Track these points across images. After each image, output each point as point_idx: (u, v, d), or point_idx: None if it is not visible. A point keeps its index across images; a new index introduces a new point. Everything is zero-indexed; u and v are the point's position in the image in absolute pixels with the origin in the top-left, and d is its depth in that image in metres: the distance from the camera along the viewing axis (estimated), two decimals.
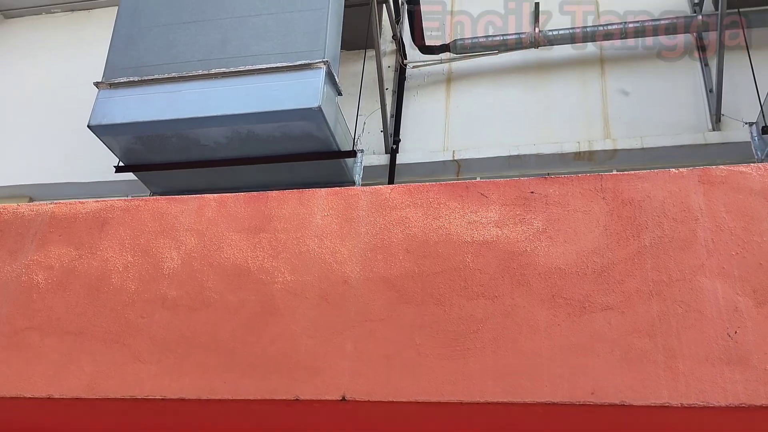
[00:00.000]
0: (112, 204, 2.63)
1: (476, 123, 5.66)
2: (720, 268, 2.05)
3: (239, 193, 2.51)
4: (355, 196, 2.42)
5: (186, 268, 2.41)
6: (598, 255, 2.16)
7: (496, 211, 2.30)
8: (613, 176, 2.31)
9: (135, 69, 4.45)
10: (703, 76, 5.43)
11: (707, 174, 2.21)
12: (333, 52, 4.32)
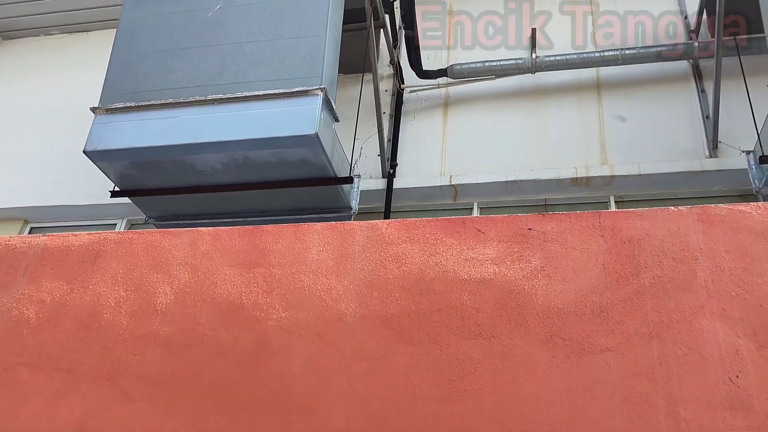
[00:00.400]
0: (106, 237, 2.60)
1: (473, 147, 5.67)
2: (720, 309, 2.03)
3: (234, 227, 2.48)
4: (351, 231, 2.39)
5: (179, 304, 2.38)
6: (596, 294, 2.13)
7: (494, 248, 2.28)
8: (611, 214, 2.29)
9: (132, 94, 4.44)
10: (699, 102, 5.45)
11: (706, 213, 2.19)
12: (330, 78, 4.32)
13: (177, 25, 4.61)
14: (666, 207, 2.19)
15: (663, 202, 5.14)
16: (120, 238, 2.56)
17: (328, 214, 4.72)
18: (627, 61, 5.58)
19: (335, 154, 4.40)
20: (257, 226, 2.46)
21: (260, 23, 4.48)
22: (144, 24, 4.70)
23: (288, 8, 4.49)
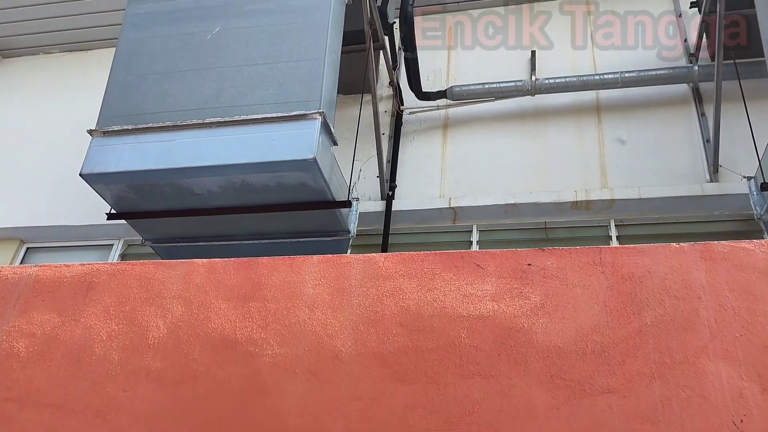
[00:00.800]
0: (98, 268, 2.55)
1: (473, 169, 5.64)
2: (724, 350, 1.98)
3: (229, 259, 2.44)
4: (347, 265, 2.35)
5: (172, 338, 2.33)
6: (598, 333, 2.09)
7: (493, 284, 2.24)
8: (612, 249, 2.26)
9: (130, 117, 4.42)
10: (699, 126, 5.43)
11: (709, 250, 2.15)
12: (329, 101, 4.30)
13: (175, 48, 4.60)
14: (668, 243, 2.15)
15: (664, 227, 5.11)
16: (113, 270, 2.52)
17: (326, 237, 4.68)
18: (627, 84, 5.56)
19: (333, 178, 4.37)
20: (252, 259, 2.42)
21: (259, 46, 4.47)
22: (143, 46, 4.68)
23: (287, 32, 4.48)
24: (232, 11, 4.67)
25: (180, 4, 4.78)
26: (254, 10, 4.63)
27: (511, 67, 6.21)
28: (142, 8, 4.84)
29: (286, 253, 4.82)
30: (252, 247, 4.80)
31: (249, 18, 4.61)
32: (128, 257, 5.95)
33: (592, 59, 6.05)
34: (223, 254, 4.87)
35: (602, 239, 5.14)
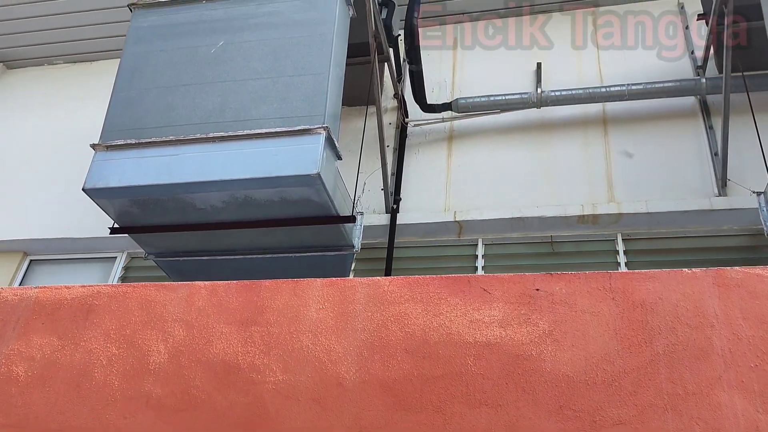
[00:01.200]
0: (99, 290, 2.52)
1: (478, 182, 5.59)
2: (738, 381, 1.93)
3: (231, 282, 2.40)
4: (351, 288, 2.31)
5: (173, 364, 2.29)
6: (608, 362, 2.04)
7: (500, 310, 2.19)
8: (622, 275, 2.20)
9: (132, 131, 4.39)
10: (707, 139, 5.38)
11: (722, 276, 2.10)
12: (333, 116, 4.26)
13: (179, 62, 4.58)
14: (679, 269, 2.10)
15: (671, 241, 5.06)
16: (114, 292, 2.48)
17: (330, 252, 4.64)
18: (633, 97, 5.52)
19: (337, 193, 4.33)
20: (255, 282, 2.38)
21: (263, 60, 4.44)
22: (146, 60, 4.66)
23: (291, 46, 4.45)
24: (235, 25, 4.65)
25: (184, 18, 4.76)
26: (258, 24, 4.61)
27: (516, 78, 6.17)
28: (145, 21, 4.83)
29: (289, 267, 4.80)
30: (255, 261, 4.76)
31: (253, 31, 4.58)
32: (131, 270, 5.92)
33: (598, 71, 6.01)
34: (226, 268, 4.87)
35: (609, 253, 5.09)
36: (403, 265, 5.37)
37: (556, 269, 5.07)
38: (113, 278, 5.87)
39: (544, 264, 5.16)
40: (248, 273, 4.88)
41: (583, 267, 5.06)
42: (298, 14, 4.59)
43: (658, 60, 5.91)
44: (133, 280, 5.85)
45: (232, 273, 4.90)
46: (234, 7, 4.73)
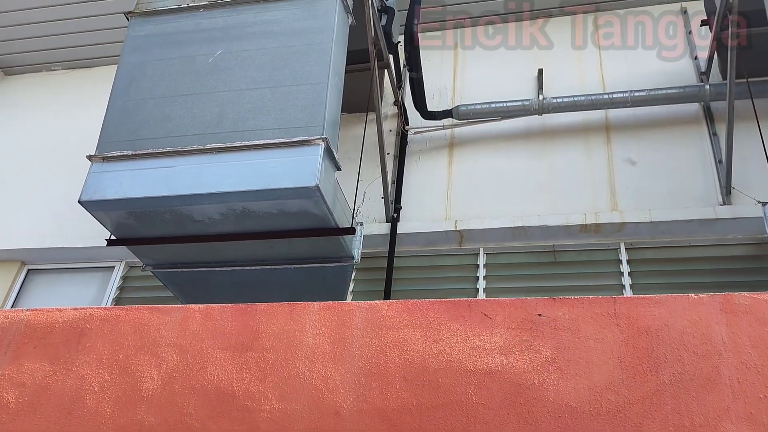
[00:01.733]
0: (91, 313, 2.46)
1: (479, 190, 5.54)
2: (747, 413, 1.87)
3: (226, 305, 2.35)
4: (349, 312, 2.25)
5: (166, 390, 2.24)
6: (612, 392, 1.98)
7: (501, 336, 2.13)
8: (627, 300, 2.14)
9: (129, 142, 4.33)
10: (711, 146, 5.32)
11: (730, 302, 2.04)
12: (332, 126, 4.20)
13: (176, 72, 4.52)
14: (686, 294, 2.04)
15: (675, 250, 5.00)
16: (106, 315, 2.43)
17: (330, 263, 4.58)
18: (636, 104, 5.45)
19: (337, 204, 4.28)
20: (250, 305, 2.32)
21: (261, 70, 4.38)
22: (143, 70, 4.61)
23: (289, 55, 4.39)
24: (233, 33, 4.59)
25: (181, 27, 4.71)
26: (256, 33, 4.55)
27: (518, 83, 6.11)
28: (142, 30, 4.77)
29: (288, 278, 4.75)
30: (253, 273, 4.71)
31: (251, 40, 4.53)
32: (129, 279, 5.88)
33: (600, 76, 5.95)
34: (224, 280, 4.82)
35: (612, 263, 5.03)
36: (403, 275, 5.31)
37: (558, 279, 5.04)
38: (111, 288, 5.83)
39: (546, 273, 5.10)
40: (246, 285, 4.84)
41: (585, 277, 5.01)
42: (297, 23, 4.53)
43: (661, 65, 5.85)
44: (132, 290, 5.81)
45: (231, 285, 4.85)
46: (232, 15, 4.67)
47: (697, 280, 4.80)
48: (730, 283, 4.74)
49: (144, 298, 5.69)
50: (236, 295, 4.94)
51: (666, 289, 4.82)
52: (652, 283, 4.86)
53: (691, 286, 4.78)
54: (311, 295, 4.84)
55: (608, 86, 5.84)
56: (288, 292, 4.85)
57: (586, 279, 5.00)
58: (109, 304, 5.72)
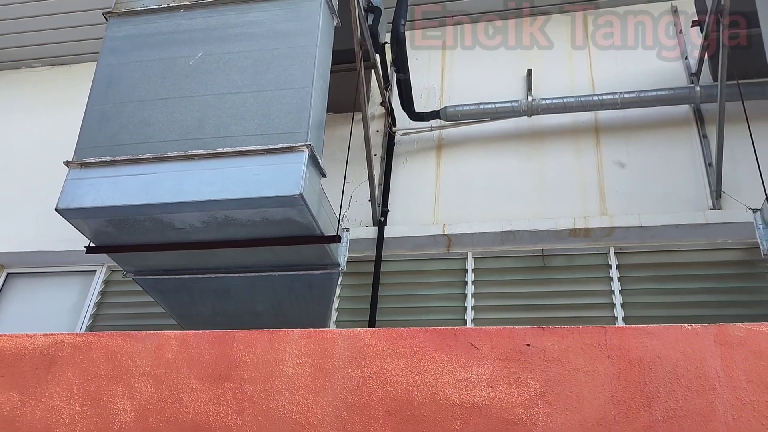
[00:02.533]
0: (62, 339, 2.36)
1: (467, 193, 5.46)
2: None
3: (203, 332, 2.26)
4: (331, 341, 2.17)
5: (140, 423, 2.14)
6: (604, 428, 1.91)
7: (488, 367, 2.05)
8: (618, 330, 2.07)
9: (108, 148, 4.20)
10: (701, 149, 5.26)
11: (724, 333, 1.97)
12: (317, 131, 4.09)
13: (156, 74, 4.39)
14: (679, 325, 1.97)
15: (665, 255, 4.94)
16: (78, 342, 2.33)
17: (315, 270, 4.49)
18: (626, 105, 5.38)
19: (322, 211, 4.18)
20: (228, 332, 2.23)
21: (243, 73, 4.26)
22: (122, 72, 4.47)
23: (273, 58, 4.27)
24: (215, 35, 4.46)
25: (161, 28, 4.57)
26: (238, 34, 4.42)
27: (507, 82, 6.02)
28: (121, 31, 4.63)
29: (272, 285, 4.65)
30: (237, 280, 4.61)
31: (233, 42, 4.40)
32: (111, 284, 5.76)
33: (590, 76, 5.86)
34: (207, 287, 4.72)
35: (602, 268, 4.97)
36: (391, 280, 5.23)
37: (547, 284, 4.98)
38: (93, 293, 5.71)
39: (535, 278, 5.04)
40: (231, 292, 4.74)
41: (574, 282, 4.95)
42: (280, 24, 4.40)
43: (651, 65, 5.78)
44: (114, 295, 5.70)
45: (214, 292, 4.76)
46: (213, 16, 4.53)
47: (687, 285, 4.76)
48: (721, 289, 4.71)
49: (126, 303, 5.59)
50: (220, 302, 4.86)
51: (656, 295, 4.78)
52: (641, 289, 4.81)
53: (681, 291, 4.74)
54: (297, 303, 4.76)
55: (598, 87, 5.76)
56: (273, 299, 4.76)
57: (575, 284, 4.95)
58: (91, 310, 5.62)
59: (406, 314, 5.06)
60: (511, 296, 5.00)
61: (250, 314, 4.92)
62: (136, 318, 5.48)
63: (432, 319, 4.99)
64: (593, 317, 4.74)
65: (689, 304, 4.66)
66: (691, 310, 4.64)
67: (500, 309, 4.94)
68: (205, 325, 5.04)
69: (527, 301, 4.93)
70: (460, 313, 4.96)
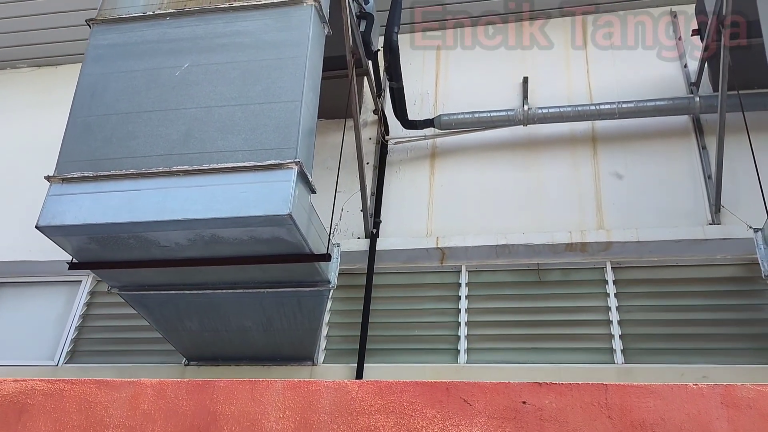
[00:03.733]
0: (33, 386, 2.24)
1: (462, 204, 5.34)
2: None
3: (181, 381, 2.14)
4: (316, 393, 2.05)
5: None
6: None
7: (482, 427, 1.94)
8: (620, 388, 1.96)
9: (90, 162, 4.07)
10: (700, 160, 5.16)
11: (731, 394, 1.86)
12: (306, 147, 3.96)
13: (141, 85, 4.24)
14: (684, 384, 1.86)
15: (663, 270, 4.84)
16: (49, 389, 2.20)
17: (305, 287, 4.38)
18: (624, 115, 5.27)
19: (311, 229, 4.05)
20: (208, 382, 2.11)
21: (231, 85, 4.12)
22: (106, 82, 4.32)
23: (260, 69, 4.13)
24: (202, 44, 4.31)
25: (146, 36, 4.42)
26: (226, 44, 4.27)
27: (502, 89, 5.90)
28: (105, 39, 4.48)
29: (261, 302, 4.53)
30: (225, 296, 4.49)
31: (220, 53, 4.25)
32: (97, 295, 5.64)
33: (587, 85, 5.74)
34: (194, 303, 4.59)
35: (598, 283, 4.87)
36: (383, 294, 5.12)
37: (542, 299, 4.87)
38: (79, 304, 5.59)
39: (531, 294, 4.93)
40: (218, 308, 4.63)
41: (570, 297, 4.85)
42: (269, 34, 4.26)
43: (650, 73, 5.65)
44: (100, 306, 5.57)
45: (201, 307, 4.64)
46: (200, 25, 4.39)
47: (685, 302, 4.67)
48: (719, 306, 4.61)
49: (113, 315, 5.46)
50: (207, 318, 4.75)
51: (653, 311, 4.68)
52: (638, 305, 4.71)
53: (679, 308, 4.64)
54: (286, 319, 4.65)
55: (595, 95, 5.64)
56: (262, 314, 4.65)
57: (571, 299, 4.84)
58: (76, 321, 5.50)
59: (398, 329, 4.96)
60: (506, 311, 4.89)
61: (239, 330, 4.81)
62: (123, 330, 5.36)
63: (424, 335, 4.89)
64: (589, 334, 4.65)
65: (687, 321, 4.57)
66: (690, 328, 4.55)
67: (494, 325, 4.84)
68: (192, 341, 4.93)
69: (522, 317, 4.83)
70: (453, 329, 4.86)
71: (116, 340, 5.34)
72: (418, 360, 4.75)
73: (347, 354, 4.86)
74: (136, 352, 5.22)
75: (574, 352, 4.59)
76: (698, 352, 4.43)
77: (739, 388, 1.89)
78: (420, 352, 4.81)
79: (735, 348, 4.41)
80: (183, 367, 5.02)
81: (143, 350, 5.22)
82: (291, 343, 4.82)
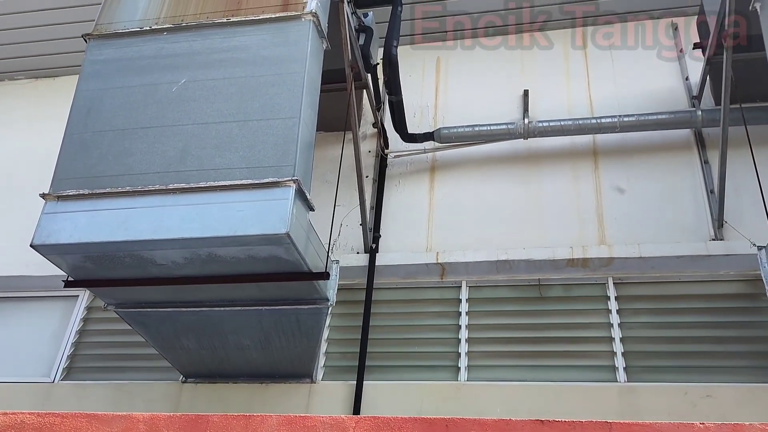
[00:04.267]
0: (23, 420, 2.19)
1: (462, 219, 5.29)
2: None
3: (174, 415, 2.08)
4: (312, 430, 2.00)
5: None
6: None
7: None
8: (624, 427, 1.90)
9: (86, 179, 4.01)
10: (703, 174, 5.11)
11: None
12: (304, 165, 3.91)
13: (137, 101, 4.19)
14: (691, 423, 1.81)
15: (665, 286, 4.79)
16: (39, 423, 2.15)
17: (303, 305, 4.32)
18: (625, 129, 5.22)
19: (309, 247, 4.00)
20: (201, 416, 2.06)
21: (228, 101, 4.07)
22: (102, 98, 4.27)
23: (259, 85, 4.08)
24: (199, 60, 4.26)
25: (143, 51, 4.37)
26: (223, 60, 4.22)
27: (502, 102, 5.86)
28: (101, 55, 4.43)
29: (259, 320, 4.48)
30: (223, 314, 4.44)
31: (218, 69, 4.20)
32: (94, 310, 5.58)
33: (588, 98, 5.69)
34: (191, 320, 4.54)
35: (600, 299, 4.81)
36: (382, 309, 5.06)
37: (543, 315, 4.81)
38: (75, 320, 5.53)
39: (532, 310, 4.87)
40: (215, 325, 4.57)
41: (572, 314, 4.79)
42: (267, 50, 4.21)
43: (651, 86, 5.61)
44: (96, 321, 5.51)
45: (198, 325, 4.59)
46: (197, 40, 4.34)
47: (687, 318, 4.61)
48: (722, 323, 4.55)
49: (110, 330, 5.40)
50: (205, 336, 4.69)
51: (656, 328, 4.62)
52: (641, 322, 4.65)
53: (682, 325, 4.59)
54: (284, 337, 4.59)
55: (596, 108, 5.59)
56: (260, 332, 4.60)
57: (572, 316, 4.79)
58: (72, 337, 5.44)
59: (398, 346, 4.90)
60: (507, 328, 4.83)
61: (236, 347, 4.75)
62: (120, 346, 5.30)
63: (424, 352, 4.83)
64: (591, 351, 4.60)
65: (691, 339, 4.51)
66: (693, 346, 4.49)
67: (495, 342, 4.78)
68: (189, 358, 4.88)
69: (523, 334, 4.77)
70: (453, 345, 4.81)
71: (113, 357, 5.28)
72: (418, 377, 4.70)
73: (346, 371, 4.80)
74: (134, 369, 5.16)
75: (575, 370, 4.53)
76: (702, 370, 4.37)
77: (748, 427, 1.83)
78: (420, 369, 4.75)
79: (739, 366, 4.35)
80: (180, 384, 4.96)
81: (140, 366, 5.16)
82: (289, 360, 4.77)
